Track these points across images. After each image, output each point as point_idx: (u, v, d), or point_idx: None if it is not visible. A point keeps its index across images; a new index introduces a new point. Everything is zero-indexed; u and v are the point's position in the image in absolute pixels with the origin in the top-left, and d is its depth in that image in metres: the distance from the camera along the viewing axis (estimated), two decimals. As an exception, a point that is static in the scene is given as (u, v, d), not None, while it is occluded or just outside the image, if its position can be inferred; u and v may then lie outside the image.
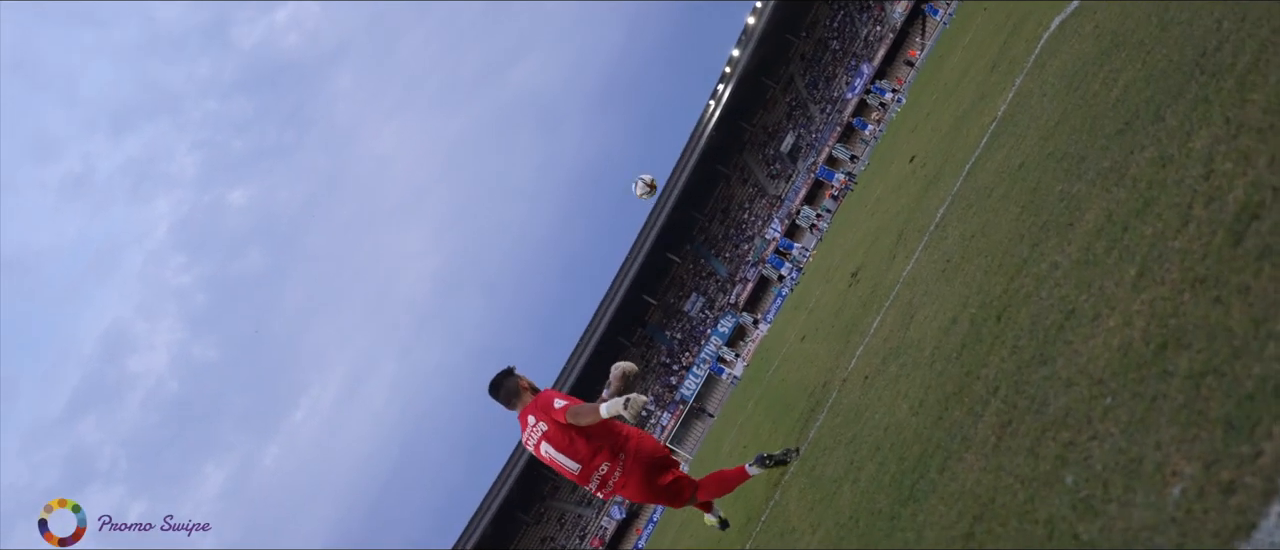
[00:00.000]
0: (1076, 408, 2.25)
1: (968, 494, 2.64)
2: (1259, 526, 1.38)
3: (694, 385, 42.81)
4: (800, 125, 49.03)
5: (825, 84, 48.03)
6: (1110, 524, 1.79)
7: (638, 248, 48.64)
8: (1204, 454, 1.63)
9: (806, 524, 4.82)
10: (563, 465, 5.12)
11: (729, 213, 51.79)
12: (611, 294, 48.88)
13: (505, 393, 5.35)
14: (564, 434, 5.03)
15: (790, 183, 46.72)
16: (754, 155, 51.63)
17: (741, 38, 46.67)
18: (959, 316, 4.07)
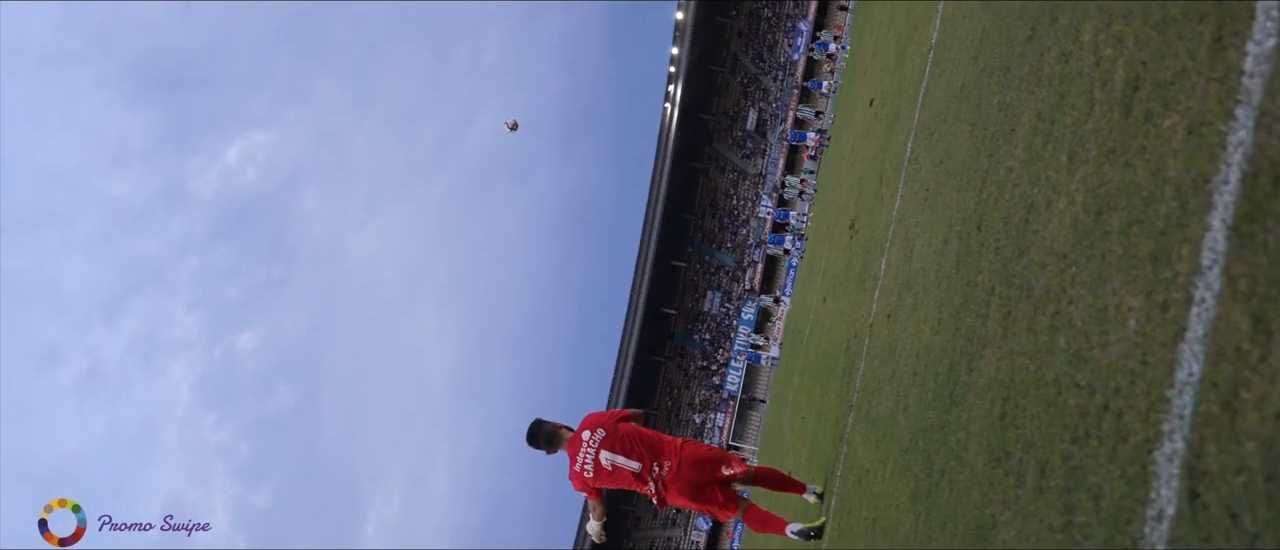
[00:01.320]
0: (1053, 283, 2.68)
1: (994, 383, 3.06)
2: (1188, 327, 1.81)
3: (737, 378, 43.09)
4: (758, 100, 49.53)
5: (769, 53, 48.57)
6: (1097, 366, 2.21)
7: (641, 264, 49.07)
8: (1144, 287, 2.06)
9: (876, 461, 5.22)
10: (624, 467, 5.36)
11: (717, 204, 52.21)
12: (630, 316, 49.27)
13: (544, 438, 5.62)
14: (624, 438, 5.40)
15: (766, 157, 47.18)
16: (723, 141, 52.10)
17: (676, 35, 47.26)
18: (948, 236, 4.50)
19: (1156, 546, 1.70)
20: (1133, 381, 1.98)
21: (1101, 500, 1.99)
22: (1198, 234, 1.84)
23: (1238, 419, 1.54)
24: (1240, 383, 1.56)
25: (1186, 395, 1.73)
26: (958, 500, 3.15)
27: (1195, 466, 1.64)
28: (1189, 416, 1.70)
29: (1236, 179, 1.75)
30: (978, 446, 3.05)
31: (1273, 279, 1.55)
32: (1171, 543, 1.65)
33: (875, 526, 4.78)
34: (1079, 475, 2.14)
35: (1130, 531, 1.82)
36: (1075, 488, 2.16)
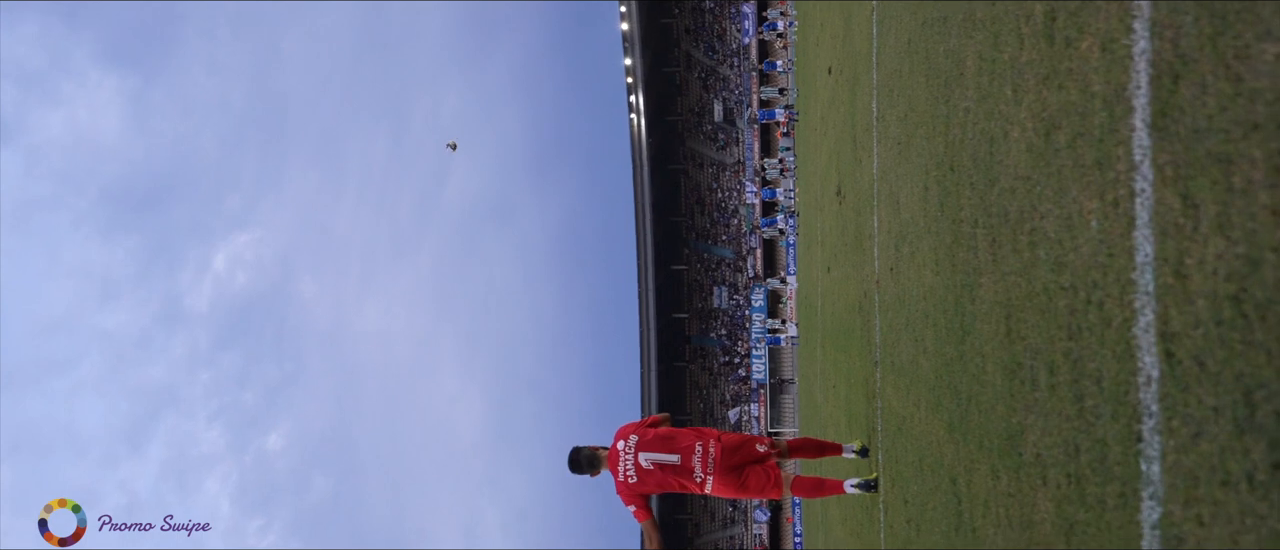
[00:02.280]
0: (1024, 204, 2.96)
1: (995, 305, 3.33)
2: (1136, 216, 2.09)
3: (761, 366, 43.31)
4: (720, 90, 49.91)
5: (720, 42, 48.99)
6: (1074, 267, 2.49)
7: (643, 276, 49.33)
8: (1096, 190, 2.34)
9: (910, 406, 5.48)
10: (664, 462, 5.55)
11: (703, 200, 52.50)
12: (644, 329, 49.48)
13: (585, 461, 5.82)
14: (657, 438, 5.62)
15: (741, 144, 47.53)
16: (695, 138, 52.45)
17: (625, 46, 47.68)
18: (927, 183, 4.78)
19: (1151, 407, 1.97)
20: (1104, 273, 2.25)
21: (1103, 382, 2.27)
22: (1127, 136, 2.12)
23: (1188, 283, 1.82)
24: (1184, 253, 1.84)
25: (1147, 273, 2.01)
26: (987, 418, 3.42)
27: (1165, 331, 1.91)
28: (1152, 291, 1.98)
29: (1146, 83, 2.03)
30: (994, 365, 3.33)
31: (1189, 161, 1.83)
32: (1161, 401, 1.93)
33: (922, 465, 5.04)
34: (1080, 365, 2.42)
35: (1129, 401, 2.09)
36: (1081, 377, 2.43)
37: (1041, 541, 2.77)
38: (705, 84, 51.76)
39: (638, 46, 47.21)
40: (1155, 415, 1.94)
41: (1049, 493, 2.69)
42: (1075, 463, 2.44)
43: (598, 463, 5.76)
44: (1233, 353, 1.64)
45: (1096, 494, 2.28)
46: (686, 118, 52.99)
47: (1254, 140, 1.59)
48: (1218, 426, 1.67)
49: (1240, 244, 1.62)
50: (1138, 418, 2.03)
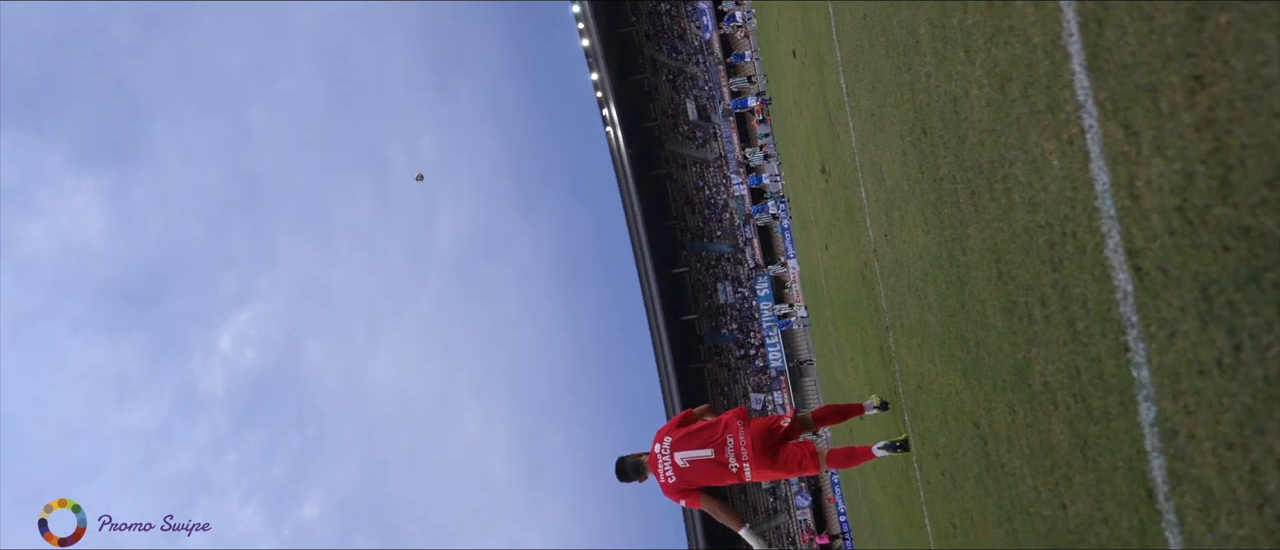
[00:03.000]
0: (994, 154, 3.17)
1: (984, 253, 3.54)
2: (1089, 150, 2.30)
3: (777, 353, 43.51)
4: (690, 89, 50.20)
5: (682, 42, 49.32)
6: (1046, 205, 2.70)
7: (645, 284, 49.53)
8: (1052, 132, 2.55)
9: (925, 362, 5.68)
10: (699, 459, 5.72)
11: (692, 200, 52.73)
12: (656, 337, 49.65)
13: (631, 469, 6.01)
14: (688, 435, 5.81)
15: (719, 138, 47.82)
16: (674, 141, 52.72)
17: (589, 60, 48.03)
18: (904, 148, 4.99)
19: (1131, 318, 2.18)
20: (1072, 206, 2.46)
21: (1088, 304, 2.47)
22: (1069, 80, 2.33)
23: (1141, 202, 2.03)
24: (1134, 176, 2.05)
25: (1107, 199, 2.22)
26: (995, 359, 3.62)
27: (1131, 248, 2.12)
28: (1114, 214, 2.19)
29: (1077, 30, 2.24)
30: (993, 308, 3.53)
31: (1124, 94, 2.04)
32: (1139, 311, 2.13)
33: (946, 416, 5.24)
34: (1067, 293, 2.62)
35: (1113, 317, 2.30)
36: (1069, 304, 2.63)
37: (1062, 462, 2.97)
38: (674, 85, 52.06)
39: (601, 60, 47.55)
40: (1135, 325, 2.15)
41: (1061, 415, 2.89)
42: (1078, 383, 2.65)
43: (642, 468, 5.92)
44: (1187, 257, 1.85)
45: (1100, 407, 2.49)
46: (662, 122, 53.27)
47: (1171, 68, 1.80)
48: (1186, 324, 1.88)
49: (1176, 161, 1.83)
50: (1122, 330, 2.23)
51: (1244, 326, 1.66)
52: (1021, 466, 3.57)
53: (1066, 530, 3.07)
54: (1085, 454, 2.71)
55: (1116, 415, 2.37)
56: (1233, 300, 1.68)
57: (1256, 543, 1.69)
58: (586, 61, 48.57)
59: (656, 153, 52.98)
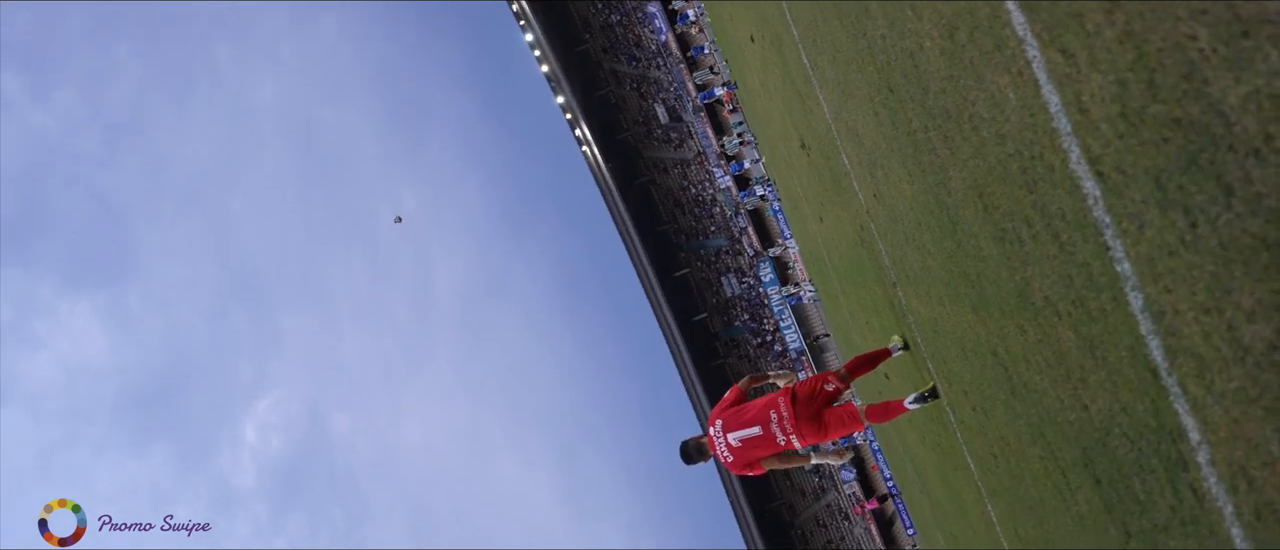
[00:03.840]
0: (957, 98, 3.40)
1: (967, 190, 3.76)
2: (1038, 78, 2.52)
3: (794, 333, 43.73)
4: (656, 94, 50.54)
5: (639, 49, 49.70)
6: (1012, 135, 2.92)
7: (651, 293, 49.72)
8: (1003, 68, 2.77)
9: (935, 307, 5.90)
10: (749, 437, 5.96)
11: (680, 201, 52.98)
12: (671, 343, 49.83)
13: (694, 450, 6.27)
14: (735, 414, 6.05)
15: (694, 135, 48.15)
16: (650, 147, 53.02)
17: (552, 85, 48.40)
18: (875, 109, 5.22)
19: (1105, 220, 2.40)
20: (1033, 130, 2.69)
21: (1067, 216, 2.69)
22: (1006, 18, 2.55)
23: (1089, 115, 2.25)
24: (1079, 93, 2.27)
25: (1062, 118, 2.44)
26: (998, 286, 3.84)
27: (1091, 157, 2.34)
28: (1071, 130, 2.41)
29: (1004, -26, 2.47)
30: (985, 240, 3.75)
31: (1055, 22, 2.27)
32: (1109, 211, 2.35)
33: (965, 353, 5.45)
34: (1046, 210, 2.84)
35: (1090, 222, 2.51)
36: (1051, 220, 2.85)
37: (1075, 366, 3.19)
38: (640, 92, 52.39)
39: (563, 82, 47.94)
40: (1109, 225, 2.37)
41: (1065, 323, 3.10)
42: (1073, 290, 2.86)
43: (703, 449, 6.18)
44: (1137, 154, 2.07)
45: (1097, 306, 2.70)
46: (635, 131, 53.56)
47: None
48: (1150, 213, 2.10)
49: (1109, 73, 2.05)
50: (1099, 232, 2.45)
51: (1194, 205, 1.88)
52: (1041, 381, 3.78)
53: (1092, 429, 3.29)
54: (1094, 353, 2.93)
55: (1111, 310, 2.58)
56: (1181, 184, 1.90)
57: (1246, 391, 1.91)
58: (549, 86, 48.95)
59: (636, 162, 53.25)
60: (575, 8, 51.22)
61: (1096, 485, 3.58)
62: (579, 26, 51.66)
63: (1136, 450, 2.88)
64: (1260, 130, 1.63)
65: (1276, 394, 1.83)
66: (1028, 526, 6.53)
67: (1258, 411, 1.91)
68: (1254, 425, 1.95)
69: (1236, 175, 1.72)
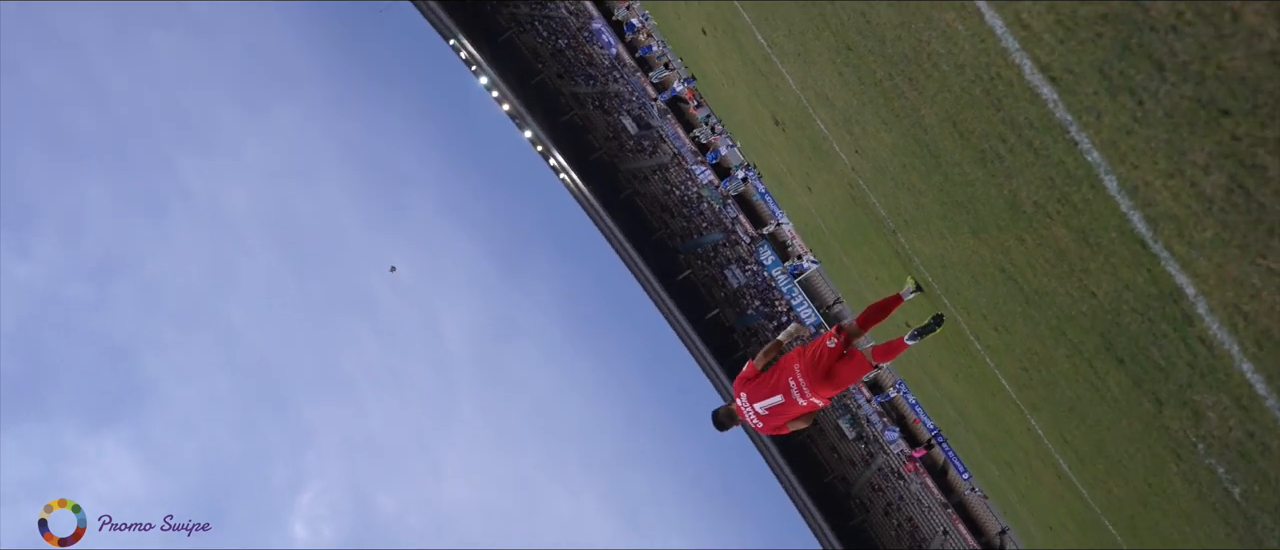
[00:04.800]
0: (912, 42, 3.65)
1: (942, 122, 4.01)
2: (980, 9, 2.77)
3: (805, 307, 43.94)
4: (619, 106, 50.92)
5: (593, 65, 50.15)
6: (968, 63, 3.17)
7: (659, 302, 49.93)
8: (953, 4, 3.02)
9: (938, 243, 6.14)
10: (774, 405, 6.22)
11: (666, 205, 53.27)
12: (691, 346, 50.01)
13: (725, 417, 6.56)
14: (757, 385, 6.32)
15: (666, 139, 48.52)
16: (626, 160, 53.36)
17: (517, 121, 48.80)
18: (838, 70, 5.48)
19: (1067, 118, 2.65)
20: (987, 54, 2.93)
21: (1034, 123, 2.94)
22: (940, -38, 2.81)
23: (1030, 28, 2.50)
24: (1017, 11, 2.52)
25: (1009, 38, 2.69)
26: (989, 206, 4.08)
27: (1042, 64, 2.59)
28: (1018, 46, 2.66)
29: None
30: (968, 164, 4.00)
31: (984, -44, 2.52)
32: (1069, 109, 2.60)
33: (976, 278, 5.69)
34: (1015, 123, 3.09)
35: (1056, 124, 2.76)
36: (1021, 131, 3.10)
37: (1075, 259, 3.43)
38: (604, 109, 52.75)
39: (527, 116, 48.32)
40: (1072, 122, 2.61)
41: (1057, 222, 3.35)
42: (1056, 189, 3.11)
43: (733, 416, 6.46)
44: (1078, 53, 2.31)
45: (1079, 199, 2.95)
46: (606, 147, 53.88)
47: (1006, -75, 2.27)
48: (1103, 102, 2.34)
49: (1039, -11, 2.30)
50: (1065, 131, 2.70)
51: (1136, 85, 2.12)
52: (1049, 282, 4.02)
53: (1104, 313, 3.52)
54: (1088, 242, 3.17)
55: (1093, 198, 2.82)
56: (1121, 70, 2.15)
57: (1220, 237, 2.15)
58: (514, 123, 49.36)
59: (615, 178, 53.54)
60: (522, 41, 51.65)
61: (1120, 365, 3.81)
62: (530, 58, 52.09)
63: (1146, 321, 3.11)
64: (1171, 8, 1.87)
65: (1244, 231, 2.06)
66: (1072, 429, 6.76)
67: (1234, 251, 2.15)
68: (1234, 265, 2.19)
69: (1163, 52, 1.96)
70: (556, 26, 50.35)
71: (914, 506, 47.67)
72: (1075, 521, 10.06)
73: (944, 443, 42.24)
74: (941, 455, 44.40)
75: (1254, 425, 2.80)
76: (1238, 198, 2.01)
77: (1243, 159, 1.90)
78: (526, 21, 50.90)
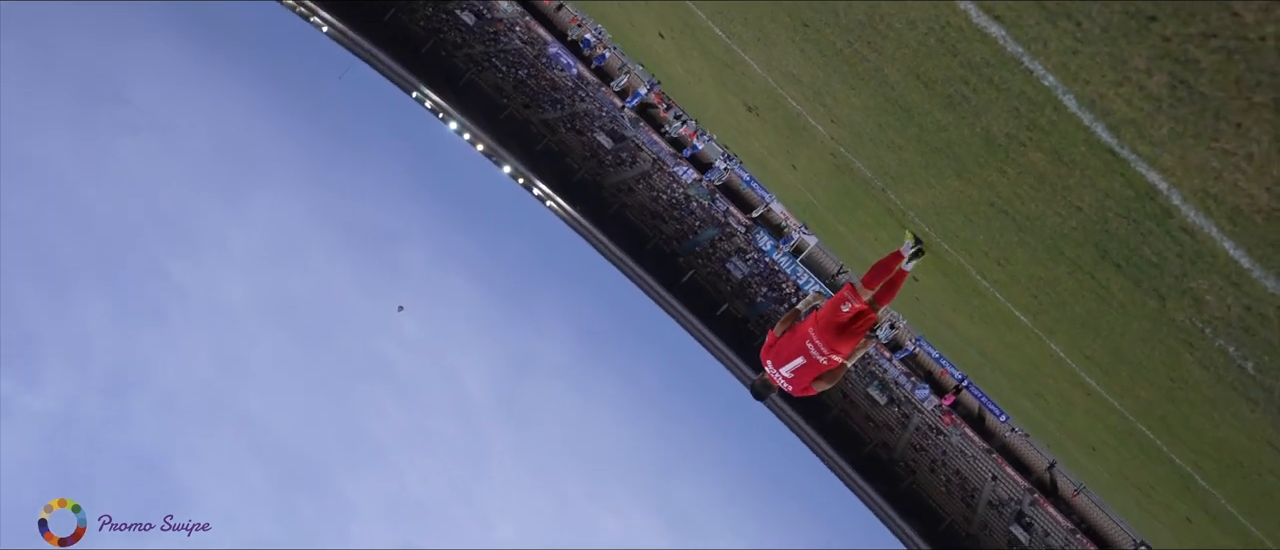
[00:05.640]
0: (865, 7, 3.84)
1: (905, 77, 4.20)
2: None
3: (814, 284, 44.18)
4: (590, 125, 51.24)
5: (557, 89, 50.49)
6: (919, 19, 3.35)
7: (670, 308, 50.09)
8: (888, -31, 3.21)
9: (926, 191, 6.32)
10: (797, 367, 6.55)
11: (655, 212, 53.49)
12: (709, 345, 50.14)
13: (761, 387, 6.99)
14: (779, 351, 6.63)
15: (642, 147, 48.80)
16: (608, 176, 53.62)
17: (494, 159, 49.10)
18: (799, 47, 5.68)
19: (1018, 50, 2.83)
20: (933, 5, 3.12)
21: (990, 62, 3.12)
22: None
23: (969, -24, 2.69)
24: (954, -37, 2.71)
25: (951, -12, 2.88)
26: (966, 145, 4.27)
27: (983, 5, 2.78)
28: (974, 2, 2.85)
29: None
30: (938, 111, 4.18)
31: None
32: (1018, 42, 2.78)
33: (969, 218, 5.87)
34: (972, 63, 3.28)
35: (1009, 57, 2.94)
36: (980, 69, 3.28)
37: (1057, 179, 3.61)
38: (576, 129, 53.04)
39: (503, 151, 48.65)
40: (1022, 52, 2.80)
41: (1031, 148, 3.53)
42: (1023, 117, 3.29)
43: (768, 384, 6.84)
44: (1017, -10, 2.50)
45: (1046, 121, 3.13)
46: (586, 167, 54.13)
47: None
48: (1046, 29, 2.53)
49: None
50: (1019, 62, 2.88)
51: (1072, 9, 2.31)
52: (1037, 207, 4.20)
53: (1092, 223, 3.70)
54: (1063, 161, 3.35)
55: (1057, 119, 3.01)
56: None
57: (1175, 130, 2.33)
58: (492, 162, 49.68)
59: (600, 195, 53.77)
60: (483, 79, 52.01)
61: (1119, 270, 3.99)
62: (494, 95, 52.43)
63: (1131, 222, 3.29)
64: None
65: (1194, 121, 2.24)
66: (1090, 343, 6.92)
67: (1190, 142, 2.33)
68: (1193, 154, 2.37)
69: (1088, -26, 2.15)
70: (514, 59, 50.73)
71: (958, 458, 47.74)
72: (1114, 435, 10.21)
73: (973, 388, 42.36)
74: (975, 402, 44.52)
75: (1249, 298, 2.97)
76: (1181, 92, 2.19)
77: (1176, 57, 2.08)
78: (484, 60, 51.29)
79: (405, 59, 49.69)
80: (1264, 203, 2.26)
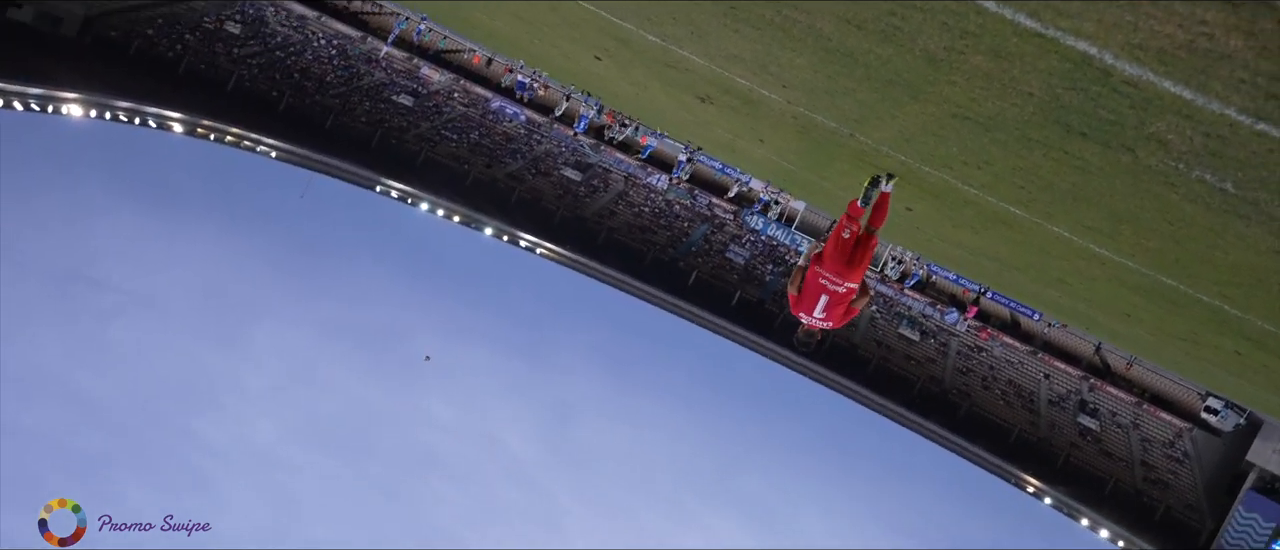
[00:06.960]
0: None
1: (838, 25, 4.43)
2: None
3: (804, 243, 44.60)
4: (557, 163, 51.67)
5: (509, 142, 50.99)
6: None
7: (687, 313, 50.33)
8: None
9: (895, 125, 6.54)
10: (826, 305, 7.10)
11: (643, 226, 53.80)
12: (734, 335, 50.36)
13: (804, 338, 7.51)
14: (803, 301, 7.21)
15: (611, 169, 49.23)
16: (586, 206, 53.97)
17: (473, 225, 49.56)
18: (732, 28, 5.93)
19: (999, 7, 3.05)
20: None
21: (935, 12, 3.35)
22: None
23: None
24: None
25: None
26: (912, 70, 4.49)
27: (888, -55, 3.01)
28: (864, -61, 3.08)
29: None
30: (878, 46, 4.41)
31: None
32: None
33: (939, 133, 6.09)
34: None
35: None
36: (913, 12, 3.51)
37: (1002, 74, 3.83)
38: (542, 172, 53.49)
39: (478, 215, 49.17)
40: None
41: (971, 52, 3.76)
42: (953, 29, 3.52)
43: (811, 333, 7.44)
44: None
45: (975, 25, 3.36)
46: (564, 205, 54.49)
47: None
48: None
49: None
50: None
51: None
52: (995, 104, 4.42)
53: (1046, 103, 3.93)
54: (1002, 57, 3.58)
55: (984, 20, 3.24)
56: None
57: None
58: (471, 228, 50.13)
59: (585, 227, 54.09)
60: (438, 153, 52.52)
61: (1085, 138, 4.21)
62: (454, 164, 52.91)
63: (1080, 91, 3.51)
64: None
65: (1099, -15, 2.47)
66: (1087, 214, 7.12)
67: (1101, 4, 2.55)
68: (1107, 13, 2.59)
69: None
70: (462, 125, 51.29)
71: (1007, 368, 47.87)
72: (1141, 295, 10.38)
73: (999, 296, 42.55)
74: (1006, 309, 44.72)
75: (1204, 126, 3.18)
76: (1079, -35, 2.41)
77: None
78: (433, 135, 51.84)
79: (359, 158, 50.25)
80: (1181, 38, 2.47)
